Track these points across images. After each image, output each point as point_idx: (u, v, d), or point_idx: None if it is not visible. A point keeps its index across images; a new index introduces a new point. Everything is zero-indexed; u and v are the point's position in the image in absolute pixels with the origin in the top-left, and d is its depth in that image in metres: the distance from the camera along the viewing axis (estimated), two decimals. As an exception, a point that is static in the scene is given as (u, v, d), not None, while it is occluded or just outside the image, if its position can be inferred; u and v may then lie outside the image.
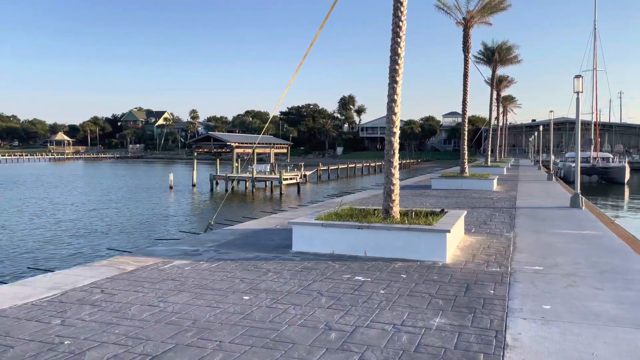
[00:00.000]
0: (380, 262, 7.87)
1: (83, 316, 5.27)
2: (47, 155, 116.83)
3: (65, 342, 4.50)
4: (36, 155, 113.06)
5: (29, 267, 12.27)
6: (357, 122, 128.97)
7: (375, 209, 9.99)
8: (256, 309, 5.52)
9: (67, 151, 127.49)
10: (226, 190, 40.26)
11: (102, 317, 5.23)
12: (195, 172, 46.27)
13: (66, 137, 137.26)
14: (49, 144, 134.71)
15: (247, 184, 41.88)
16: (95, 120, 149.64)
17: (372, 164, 73.63)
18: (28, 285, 6.55)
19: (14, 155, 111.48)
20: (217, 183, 42.59)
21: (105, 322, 5.07)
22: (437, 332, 4.80)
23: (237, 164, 46.72)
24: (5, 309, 5.50)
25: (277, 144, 58.90)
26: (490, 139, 48.89)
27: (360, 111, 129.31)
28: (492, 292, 6.20)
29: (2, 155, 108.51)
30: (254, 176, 40.87)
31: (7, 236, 18.89)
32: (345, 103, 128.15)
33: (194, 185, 43.76)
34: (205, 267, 7.55)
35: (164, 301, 5.82)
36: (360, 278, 6.88)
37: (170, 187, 41.67)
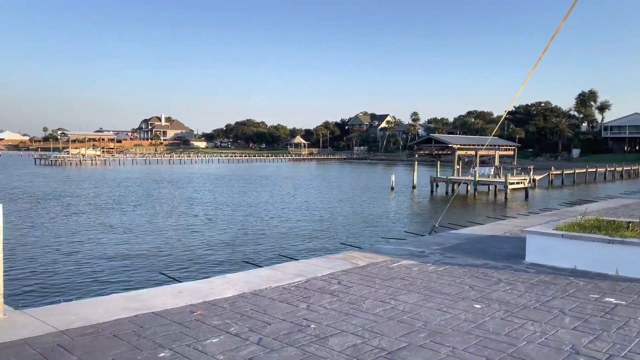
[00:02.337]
0: (636, 283, 6.75)
1: (324, 304, 5.78)
2: (287, 156, 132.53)
3: (312, 326, 5.00)
4: (278, 156, 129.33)
5: (280, 255, 14.07)
6: (599, 121, 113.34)
7: (629, 222, 8.61)
8: (489, 319, 5.28)
9: (302, 153, 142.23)
10: (446, 193, 39.71)
11: (340, 307, 5.65)
12: (415, 173, 46.78)
13: (302, 140, 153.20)
14: (289, 147, 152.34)
15: (469, 187, 40.56)
16: (326, 125, 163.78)
17: (619, 169, 63.83)
18: (278, 270, 7.49)
19: (262, 156, 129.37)
20: (437, 185, 42.30)
21: (344, 312, 5.47)
22: None
23: (458, 167, 45.60)
24: (262, 289, 6.38)
25: (502, 146, 55.65)
26: None
27: (603, 108, 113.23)
28: None
29: (253, 156, 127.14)
30: (477, 179, 39.36)
31: (265, 226, 22.00)
32: (585, 99, 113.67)
33: (414, 187, 44.31)
34: (432, 270, 7.55)
35: (394, 299, 6.00)
36: (611, 300, 6.01)
37: (392, 188, 42.97)
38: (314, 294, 6.20)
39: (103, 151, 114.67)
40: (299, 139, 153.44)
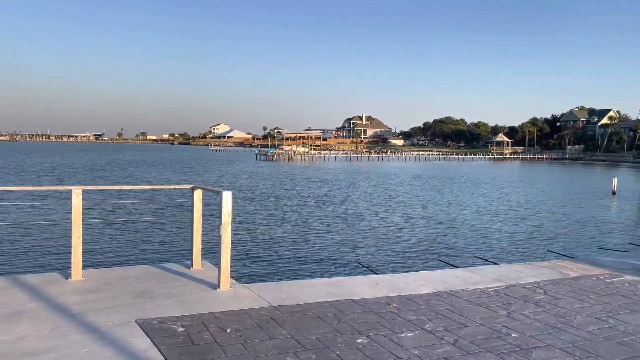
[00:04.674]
0: None
1: (527, 313, 5.37)
2: (487, 154, 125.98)
3: (512, 335, 4.70)
4: (477, 155, 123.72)
5: (477, 257, 13.55)
6: None
7: None
8: None
9: (505, 152, 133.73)
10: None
11: (546, 319, 5.19)
12: (645, 177, 40.03)
13: (505, 138, 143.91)
14: (489, 145, 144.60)
15: None
16: (533, 121, 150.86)
17: None
18: (476, 273, 7.21)
19: (460, 154, 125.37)
20: (675, 192, 35.53)
21: (550, 325, 5.00)
22: None
23: None
24: (458, 290, 6.21)
25: None
26: None
27: None
28: None
29: (450, 154, 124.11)
30: None
31: (462, 226, 21.46)
32: None
33: (643, 193, 38.01)
34: (666, 290, 6.40)
35: (613, 317, 5.27)
36: None
37: (613, 193, 37.56)
38: (515, 301, 5.81)
39: (310, 148, 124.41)
40: (501, 137, 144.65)
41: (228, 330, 4.54)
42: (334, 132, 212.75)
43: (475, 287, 6.38)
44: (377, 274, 7.73)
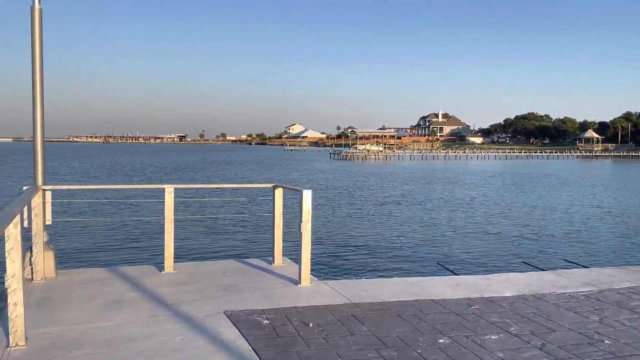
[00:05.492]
0: None
1: (622, 319, 5.06)
2: (574, 152, 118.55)
3: (606, 341, 4.45)
4: (564, 153, 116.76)
5: (564, 260, 12.88)
6: None
7: None
8: None
9: (595, 149, 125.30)
10: None
11: (643, 327, 4.86)
12: None
13: (595, 135, 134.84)
14: (577, 142, 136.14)
15: None
16: (627, 116, 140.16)
17: None
18: (564, 276, 6.87)
19: (544, 152, 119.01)
20: None
21: (648, 333, 4.69)
22: None
23: None
24: (545, 294, 5.96)
25: None
26: None
27: None
28: None
29: (534, 152, 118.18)
30: None
31: (548, 227, 20.47)
32: None
33: None
34: None
35: None
36: None
37: None
38: (608, 307, 5.49)
39: (385, 147, 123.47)
40: (590, 133, 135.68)
41: (310, 325, 4.67)
42: (408, 131, 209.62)
43: (563, 291, 6.09)
44: (457, 275, 7.59)
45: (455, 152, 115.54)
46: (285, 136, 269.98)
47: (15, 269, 3.89)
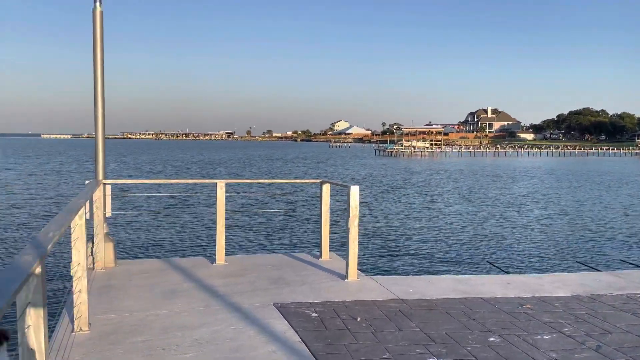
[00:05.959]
0: None
1: (685, 324, 4.83)
2: (633, 149, 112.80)
3: (667, 346, 4.27)
4: (621, 150, 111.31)
5: (622, 260, 12.37)
6: None
7: None
8: None
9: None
10: None
11: None
12: None
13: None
14: (636, 138, 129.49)
15: None
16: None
17: None
18: (621, 277, 6.61)
19: (600, 149, 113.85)
20: None
21: None
22: None
23: None
24: (601, 295, 5.77)
25: None
26: None
27: None
28: None
29: (589, 149, 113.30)
30: None
31: (603, 227, 19.68)
32: None
33: None
34: None
35: None
36: None
37: None
38: (670, 310, 5.25)
39: (431, 143, 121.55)
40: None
41: (358, 319, 4.72)
42: (456, 127, 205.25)
43: (620, 293, 5.87)
44: (508, 273, 7.43)
45: (505, 149, 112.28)
46: (330, 133, 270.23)
47: (80, 258, 4.14)
